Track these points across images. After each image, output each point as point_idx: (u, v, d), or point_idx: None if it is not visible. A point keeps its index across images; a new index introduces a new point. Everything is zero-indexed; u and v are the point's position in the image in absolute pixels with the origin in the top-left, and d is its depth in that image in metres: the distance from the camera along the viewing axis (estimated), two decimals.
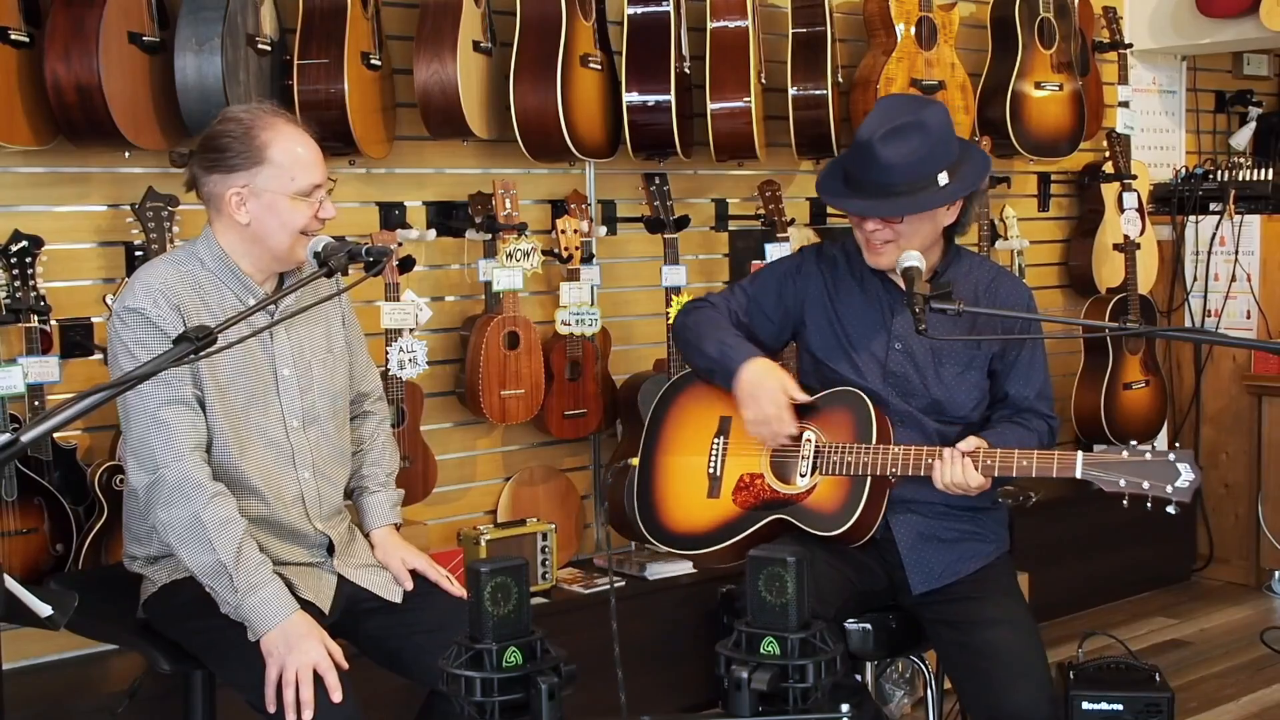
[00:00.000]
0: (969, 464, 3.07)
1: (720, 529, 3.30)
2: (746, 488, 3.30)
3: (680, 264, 4.65)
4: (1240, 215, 6.23)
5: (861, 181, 3.22)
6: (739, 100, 4.75)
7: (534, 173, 4.68)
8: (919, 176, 3.18)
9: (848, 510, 3.18)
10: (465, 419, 4.56)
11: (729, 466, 3.34)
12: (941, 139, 3.21)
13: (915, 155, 3.17)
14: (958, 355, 3.32)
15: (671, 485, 3.40)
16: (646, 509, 3.40)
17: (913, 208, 3.20)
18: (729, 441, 3.37)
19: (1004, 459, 3.07)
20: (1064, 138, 5.80)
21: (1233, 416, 6.24)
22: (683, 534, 3.35)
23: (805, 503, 3.23)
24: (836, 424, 3.27)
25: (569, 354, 4.55)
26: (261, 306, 2.75)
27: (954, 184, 3.22)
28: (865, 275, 3.40)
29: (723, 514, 3.31)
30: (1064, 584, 5.69)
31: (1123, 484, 2.93)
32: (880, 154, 3.16)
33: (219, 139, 2.93)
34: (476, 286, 4.52)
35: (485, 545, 4.29)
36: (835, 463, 3.20)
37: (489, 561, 2.31)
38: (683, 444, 3.43)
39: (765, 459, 3.31)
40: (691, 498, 3.36)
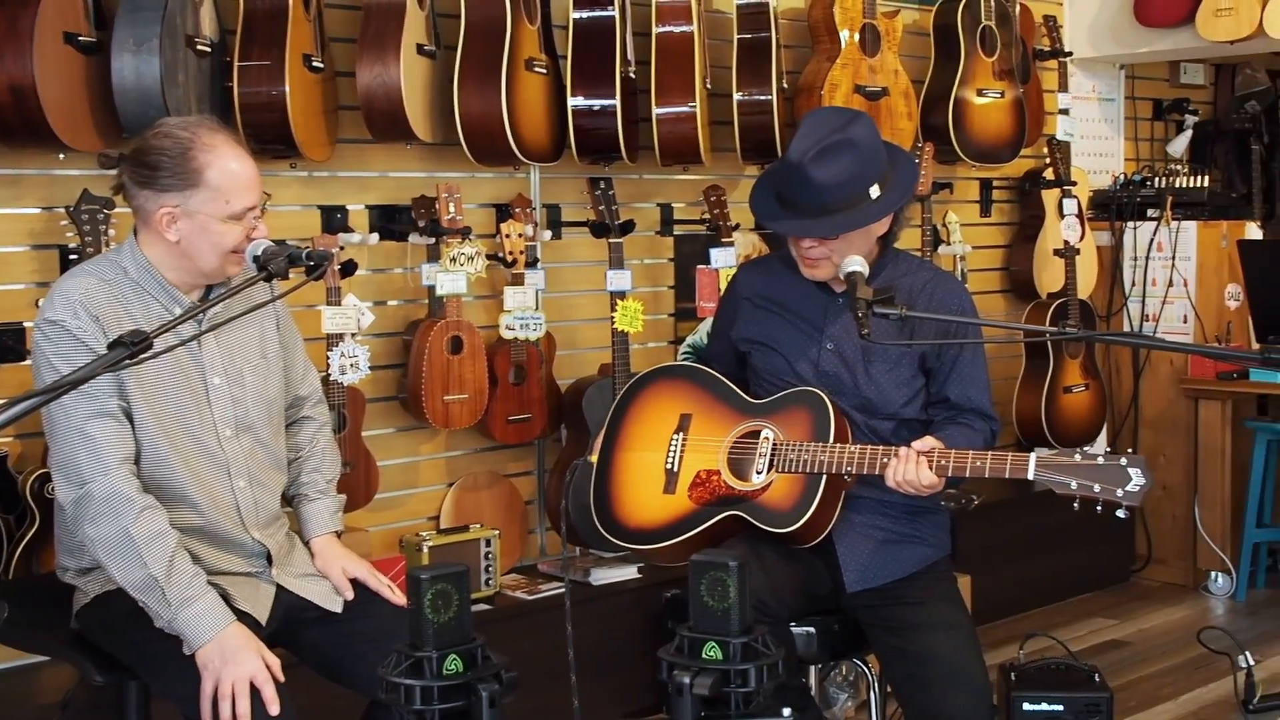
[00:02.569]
0: (923, 463, 3.08)
1: (674, 524, 3.28)
2: (702, 484, 3.29)
3: (625, 268, 4.62)
4: (1177, 221, 6.27)
5: (795, 202, 3.23)
6: (684, 105, 4.72)
7: (478, 176, 4.63)
8: (851, 194, 3.20)
9: (801, 508, 3.17)
10: (408, 424, 4.52)
11: (687, 463, 3.34)
12: (871, 154, 3.22)
13: (847, 174, 3.18)
14: (887, 353, 3.33)
15: (628, 481, 3.39)
16: (603, 504, 3.39)
17: (848, 225, 3.21)
18: (688, 438, 3.37)
19: (958, 459, 3.07)
20: (1005, 144, 5.81)
21: (1170, 420, 6.27)
22: (637, 529, 3.33)
23: (760, 499, 3.22)
24: (795, 423, 3.27)
25: (513, 358, 4.51)
26: (191, 315, 2.68)
27: (886, 196, 3.24)
28: (800, 280, 3.40)
29: (677, 509, 3.30)
30: (1006, 586, 5.70)
31: (1074, 486, 2.94)
32: (812, 175, 3.17)
33: (153, 155, 2.84)
34: (419, 291, 4.47)
35: (428, 552, 4.25)
36: (791, 460, 3.20)
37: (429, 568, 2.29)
38: (642, 440, 3.42)
39: (723, 456, 3.31)
40: (647, 493, 3.34)
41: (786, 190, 3.25)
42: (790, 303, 3.43)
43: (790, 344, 3.39)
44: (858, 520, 3.32)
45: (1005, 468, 3.02)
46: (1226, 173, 7.10)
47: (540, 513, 4.87)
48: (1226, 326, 6.19)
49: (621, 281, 4.61)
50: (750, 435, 3.31)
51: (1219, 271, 6.24)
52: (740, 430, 3.33)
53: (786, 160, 3.22)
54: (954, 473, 3.08)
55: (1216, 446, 6.07)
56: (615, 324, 4.56)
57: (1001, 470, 3.02)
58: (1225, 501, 6.08)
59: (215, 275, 2.93)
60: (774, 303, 3.44)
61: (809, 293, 3.40)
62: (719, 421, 3.37)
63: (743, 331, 3.48)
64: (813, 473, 3.18)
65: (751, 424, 3.32)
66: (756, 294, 3.48)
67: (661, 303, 5.19)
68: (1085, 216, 6.20)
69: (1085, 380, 6.09)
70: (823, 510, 3.18)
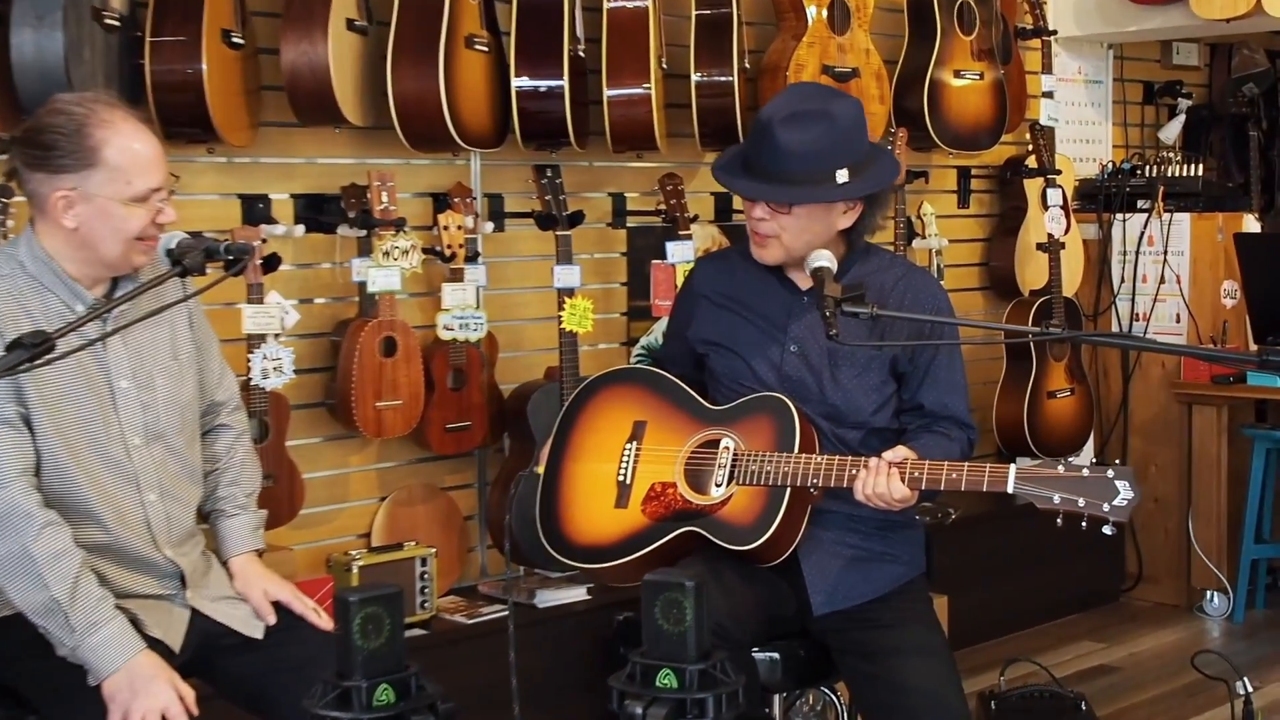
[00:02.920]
0: (895, 474, 3.08)
1: (626, 541, 3.28)
2: (657, 497, 3.29)
3: (574, 263, 4.62)
4: (1169, 213, 6.32)
5: (756, 166, 3.24)
6: (638, 86, 4.73)
7: (414, 163, 4.62)
8: (816, 168, 3.20)
9: (763, 523, 3.17)
10: (336, 433, 4.50)
11: (640, 474, 3.33)
12: (847, 134, 3.23)
13: (815, 145, 3.18)
14: (855, 356, 3.33)
15: (577, 494, 3.38)
16: (549, 519, 3.37)
17: (803, 197, 3.21)
18: (642, 447, 3.36)
19: (932, 471, 3.07)
20: (985, 130, 5.85)
21: (1162, 426, 6.32)
22: (586, 547, 3.32)
23: (719, 514, 3.22)
24: (757, 431, 3.27)
25: (451, 361, 4.50)
26: (97, 315, 2.67)
27: (853, 183, 3.23)
28: (763, 276, 3.41)
29: (630, 525, 3.29)
30: (985, 607, 5.73)
31: (1057, 500, 2.95)
32: (778, 137, 3.18)
33: (46, 134, 2.82)
34: (349, 287, 4.46)
35: (358, 572, 4.24)
36: (753, 472, 3.20)
37: (359, 590, 2.28)
38: (592, 450, 3.41)
39: (680, 467, 3.31)
40: (598, 507, 3.34)
41: (751, 149, 3.26)
42: (751, 300, 3.43)
43: (750, 345, 3.40)
44: (825, 537, 3.32)
45: (983, 480, 3.03)
46: (1222, 161, 7.16)
47: (481, 529, 4.86)
48: (1222, 326, 6.24)
49: (569, 278, 4.61)
50: (709, 445, 3.31)
51: (1214, 267, 6.29)
52: (698, 439, 3.33)
53: (756, 119, 3.24)
54: (928, 485, 3.08)
55: (1212, 456, 6.12)
56: (563, 324, 4.56)
57: (979, 483, 3.03)
58: (1221, 515, 6.13)
59: (119, 265, 2.91)
60: (734, 300, 3.45)
61: (772, 290, 3.41)
62: (675, 430, 3.37)
63: (700, 332, 3.48)
64: (776, 485, 3.18)
65: (710, 432, 3.33)
66: (715, 291, 3.48)
67: (613, 301, 5.20)
68: (1070, 208, 6.24)
69: (1070, 384, 6.13)
70: (787, 526, 3.19)
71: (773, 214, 3.25)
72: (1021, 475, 2.99)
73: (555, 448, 3.46)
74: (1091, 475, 2.95)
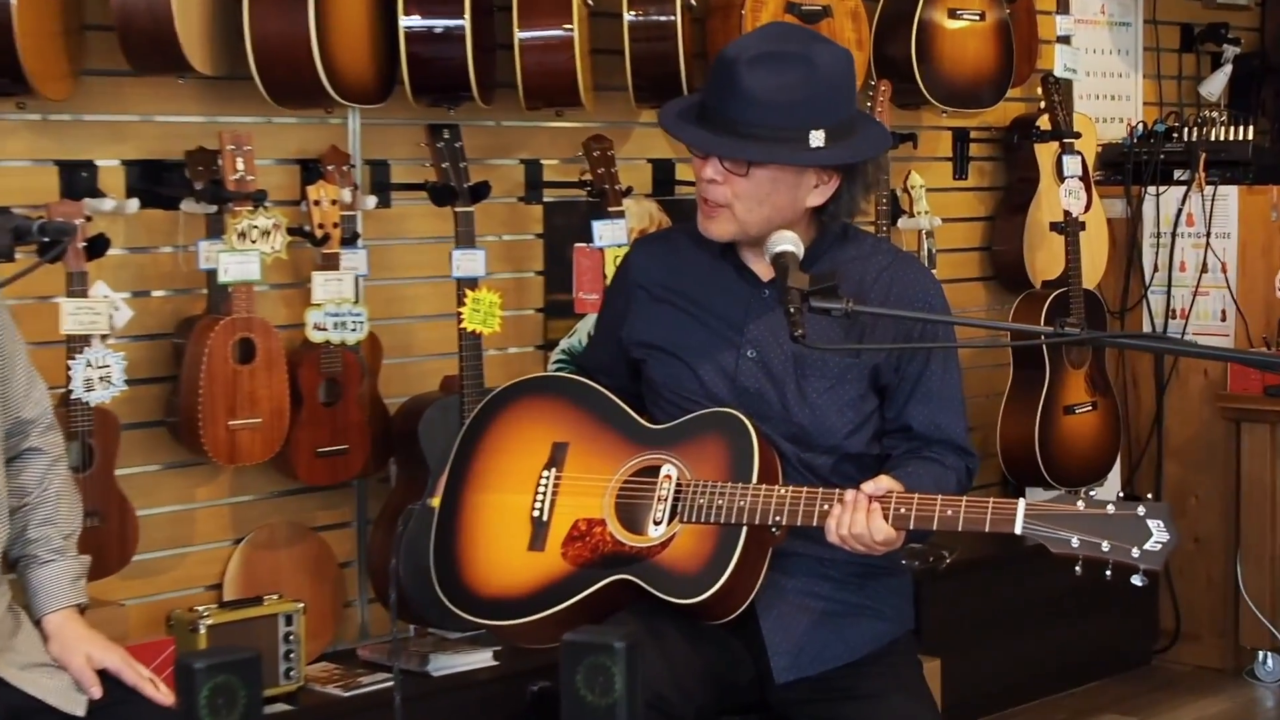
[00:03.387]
0: (876, 511, 3.08)
1: (542, 593, 3.26)
2: (581, 538, 3.28)
3: (477, 247, 4.63)
4: (1213, 186, 6.38)
5: (713, 111, 3.26)
6: (557, 28, 4.73)
7: (277, 122, 4.62)
8: (786, 124, 3.21)
9: (713, 571, 3.15)
10: (179, 459, 4.49)
11: (560, 509, 3.32)
12: (829, 87, 3.24)
13: (786, 95, 3.20)
14: (827, 365, 3.35)
15: (482, 533, 3.37)
16: (446, 565, 3.36)
17: (763, 155, 3.22)
18: (563, 475, 3.35)
19: (922, 507, 3.08)
20: (986, 83, 5.89)
21: (1204, 448, 6.39)
22: (492, 599, 3.30)
23: (658, 559, 3.21)
24: (706, 456, 3.27)
25: (323, 370, 4.50)
26: None
27: (829, 150, 3.24)
28: (714, 264, 3.43)
29: (547, 572, 3.28)
30: (988, 673, 5.77)
31: (1075, 544, 2.96)
32: (743, 79, 3.19)
33: None
34: (196, 277, 4.44)
35: (206, 633, 4.22)
36: (700, 507, 3.19)
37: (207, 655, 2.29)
38: (501, 478, 3.41)
39: (610, 500, 3.30)
40: (507, 550, 3.33)
41: (710, 93, 3.27)
42: (700, 294, 3.44)
43: (699, 350, 3.40)
44: (790, 586, 3.34)
45: (985, 519, 3.03)
46: (1277, 121, 7.22)
47: (361, 579, 4.86)
48: (1278, 326, 6.31)
49: (472, 265, 4.61)
50: (646, 472, 3.31)
51: (1268, 253, 6.37)
52: (633, 465, 3.33)
53: (721, 56, 3.24)
54: (917, 524, 3.09)
55: (1265, 485, 6.19)
56: (464, 322, 4.55)
57: (980, 522, 3.04)
58: (1276, 557, 6.19)
59: None
60: (678, 293, 3.46)
61: (726, 281, 3.42)
62: (605, 454, 3.37)
63: (636, 332, 3.49)
64: (729, 524, 3.18)
65: (648, 457, 3.33)
66: (655, 281, 3.49)
67: (526, 294, 5.21)
68: (1092, 179, 6.29)
69: (1092, 398, 6.18)
70: (742, 574, 3.18)
71: (727, 176, 3.25)
72: (1032, 513, 3.00)
73: (454, 475, 3.45)
74: (1118, 513, 2.96)
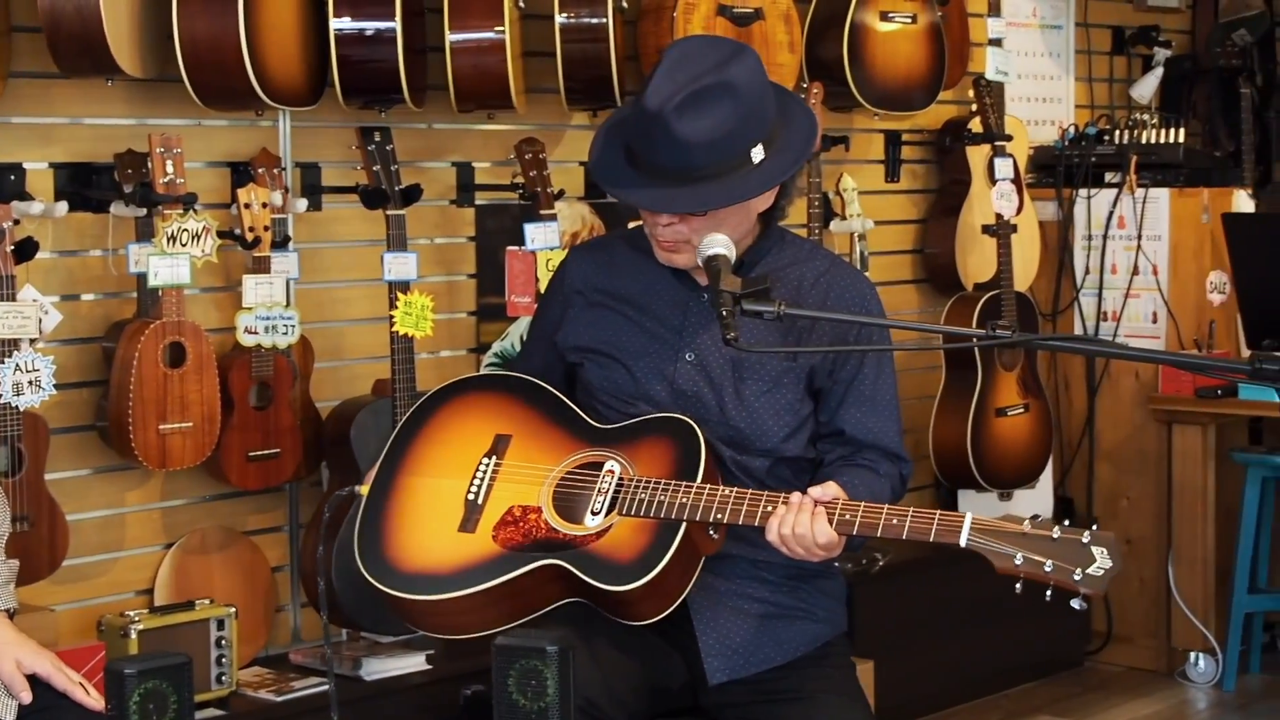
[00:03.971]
0: (821, 514, 3.10)
1: (467, 571, 3.23)
2: (514, 523, 3.27)
3: (409, 250, 4.63)
4: (1144, 188, 6.43)
5: (651, 164, 3.26)
6: (488, 30, 4.74)
7: (207, 124, 4.62)
8: (728, 156, 3.24)
9: (646, 562, 3.15)
10: (109, 463, 4.48)
11: (496, 494, 3.32)
12: (754, 103, 3.26)
13: (723, 129, 3.21)
14: (764, 369, 3.37)
15: (411, 511, 3.34)
16: (370, 540, 3.32)
17: (722, 199, 3.25)
18: (503, 463, 3.35)
19: (868, 515, 3.10)
20: (918, 85, 5.93)
21: (1136, 450, 6.44)
22: (413, 572, 3.26)
23: (591, 547, 3.20)
24: (652, 458, 3.28)
25: (254, 373, 4.50)
26: None
27: (772, 160, 3.28)
28: (653, 268, 3.45)
29: (475, 552, 3.25)
30: (921, 675, 5.79)
31: (1019, 561, 2.98)
32: (677, 130, 3.20)
33: None
34: (126, 281, 4.44)
35: (137, 638, 4.21)
36: (641, 501, 3.20)
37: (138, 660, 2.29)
38: (437, 463, 3.40)
39: (548, 490, 3.30)
40: (435, 528, 3.31)
41: (641, 146, 3.27)
42: (638, 298, 3.46)
43: (637, 353, 3.42)
44: (724, 588, 3.36)
45: (930, 529, 3.05)
46: (1208, 124, 7.27)
47: (293, 583, 4.86)
48: (1209, 328, 6.36)
49: (404, 268, 4.62)
50: (589, 467, 3.32)
51: (1199, 255, 6.42)
52: (576, 459, 3.34)
53: (642, 108, 3.23)
54: (860, 530, 3.11)
55: (1196, 486, 6.24)
56: (396, 326, 4.56)
57: (925, 532, 3.05)
58: (1208, 559, 6.25)
59: None
60: (616, 298, 3.48)
61: (663, 285, 3.45)
62: (548, 447, 3.37)
63: (573, 336, 3.50)
64: (668, 519, 3.18)
65: (592, 453, 3.34)
66: (593, 287, 3.50)
67: (459, 297, 5.22)
68: (1024, 182, 6.32)
69: (1024, 399, 6.22)
70: (675, 571, 3.19)
71: (684, 218, 3.29)
72: (978, 528, 3.03)
73: (388, 460, 3.44)
74: (1063, 537, 2.98)
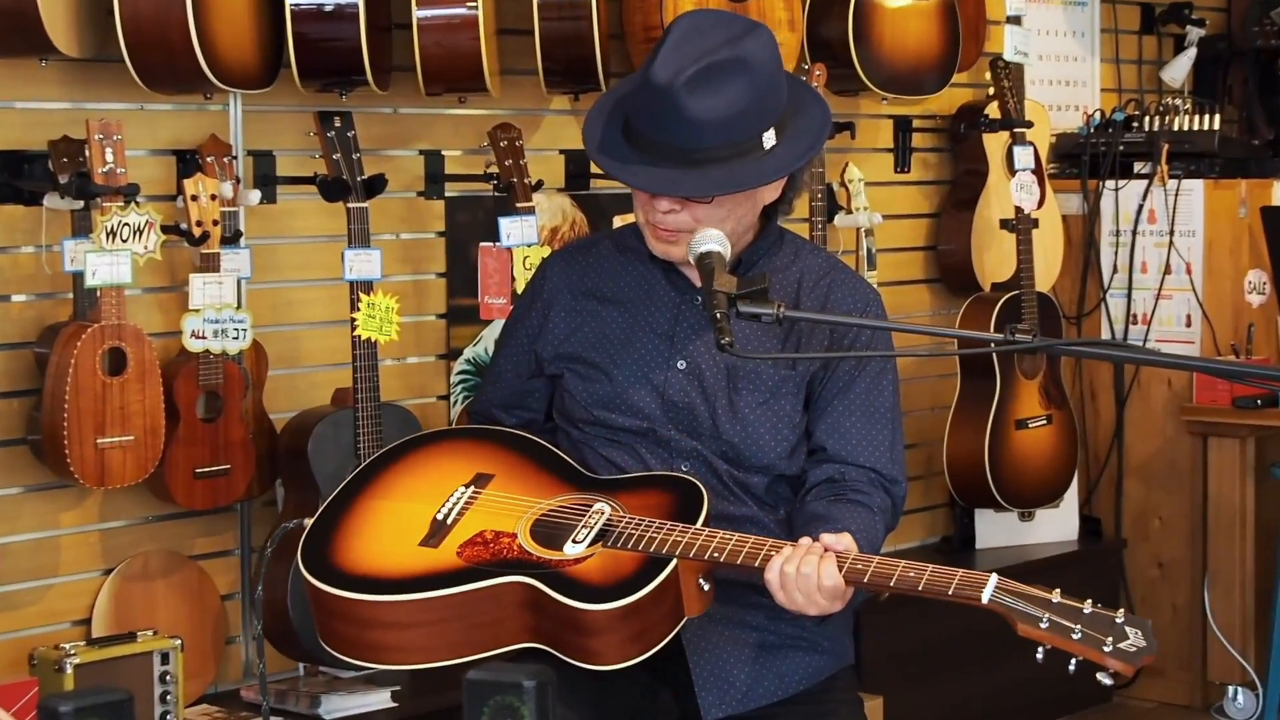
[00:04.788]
0: (831, 559, 3.06)
1: (422, 577, 3.20)
2: (484, 544, 3.25)
3: (373, 246, 4.62)
4: (1176, 180, 6.44)
5: (654, 141, 3.26)
6: (459, 5, 4.74)
7: (150, 109, 4.61)
8: (740, 136, 3.24)
9: (628, 586, 3.12)
10: (42, 481, 4.47)
11: (470, 518, 3.31)
12: (769, 84, 3.27)
13: (735, 107, 3.21)
14: (761, 377, 3.37)
15: (370, 526, 3.34)
16: (318, 543, 3.30)
17: (733, 184, 3.25)
18: (480, 493, 3.35)
19: (881, 571, 3.06)
20: (930, 67, 5.94)
21: (1167, 465, 6.45)
22: (361, 575, 3.23)
23: (567, 569, 3.18)
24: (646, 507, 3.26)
25: (202, 382, 4.49)
26: None
27: (784, 146, 3.28)
28: (642, 270, 3.45)
29: (434, 563, 3.23)
30: (933, 712, 5.82)
31: (1045, 624, 2.95)
32: (686, 106, 3.19)
33: None
34: (61, 280, 4.43)
35: (73, 672, 4.20)
36: (631, 535, 3.17)
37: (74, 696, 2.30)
38: (409, 490, 3.40)
39: (526, 521, 3.29)
40: (396, 541, 3.29)
41: (644, 123, 3.27)
42: (626, 302, 3.45)
43: (624, 361, 3.42)
44: (720, 614, 3.34)
45: (949, 586, 3.02)
46: (1245, 110, 7.28)
47: (245, 612, 4.84)
48: (1247, 331, 6.38)
49: (367, 266, 4.61)
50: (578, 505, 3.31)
51: (1235, 252, 6.44)
52: (563, 499, 3.33)
53: (649, 80, 3.23)
54: (871, 583, 3.07)
55: (1234, 505, 6.25)
56: (358, 329, 4.55)
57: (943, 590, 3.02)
58: (1247, 584, 6.27)
59: None
60: (602, 302, 3.47)
61: (653, 287, 3.44)
62: (533, 487, 3.37)
63: (554, 344, 3.49)
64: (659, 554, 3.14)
65: (582, 496, 3.33)
66: (577, 291, 3.50)
67: (427, 298, 5.22)
68: (1045, 173, 6.34)
69: (1047, 410, 6.23)
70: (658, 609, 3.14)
71: (686, 204, 3.28)
72: (1004, 588, 3.01)
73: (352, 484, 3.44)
74: (1094, 611, 2.96)
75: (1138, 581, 6.52)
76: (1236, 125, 7.13)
